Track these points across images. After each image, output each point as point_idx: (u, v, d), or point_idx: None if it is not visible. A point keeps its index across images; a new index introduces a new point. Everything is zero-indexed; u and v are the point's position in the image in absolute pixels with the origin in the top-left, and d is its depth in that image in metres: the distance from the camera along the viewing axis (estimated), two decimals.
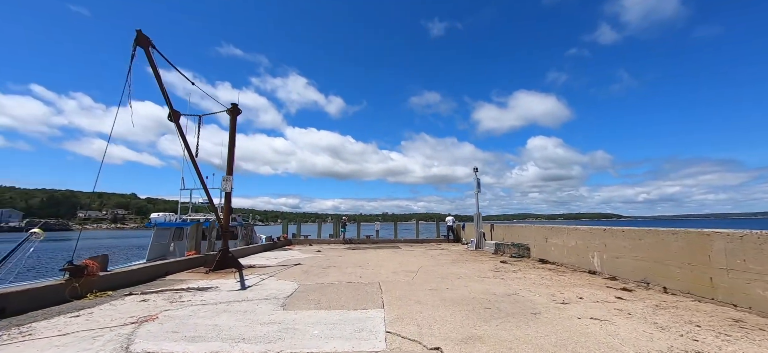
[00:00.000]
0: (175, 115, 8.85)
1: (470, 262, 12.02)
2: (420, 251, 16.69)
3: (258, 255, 15.02)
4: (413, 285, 7.94)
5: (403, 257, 13.88)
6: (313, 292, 7.23)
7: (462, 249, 17.61)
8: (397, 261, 12.34)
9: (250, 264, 11.85)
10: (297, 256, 14.67)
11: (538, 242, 12.91)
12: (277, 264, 11.99)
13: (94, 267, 7.50)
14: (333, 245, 21.00)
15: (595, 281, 8.34)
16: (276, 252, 16.64)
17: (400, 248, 18.79)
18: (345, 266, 11.26)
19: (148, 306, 6.25)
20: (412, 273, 9.55)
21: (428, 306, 5.94)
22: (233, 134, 11.60)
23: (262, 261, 12.86)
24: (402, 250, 17.28)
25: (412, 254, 14.78)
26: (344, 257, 13.81)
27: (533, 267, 10.69)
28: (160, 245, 17.78)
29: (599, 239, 9.44)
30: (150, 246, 17.45)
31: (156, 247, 17.45)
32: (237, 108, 11.72)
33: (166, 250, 18.12)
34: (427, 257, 13.82)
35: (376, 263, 11.96)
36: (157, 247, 17.61)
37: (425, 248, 18.76)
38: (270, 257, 14.46)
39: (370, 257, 13.68)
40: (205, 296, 6.99)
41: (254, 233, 20.91)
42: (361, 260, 12.66)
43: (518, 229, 15.14)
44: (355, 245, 20.96)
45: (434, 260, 12.76)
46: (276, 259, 13.61)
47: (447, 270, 10.25)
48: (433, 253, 15.47)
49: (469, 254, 15.13)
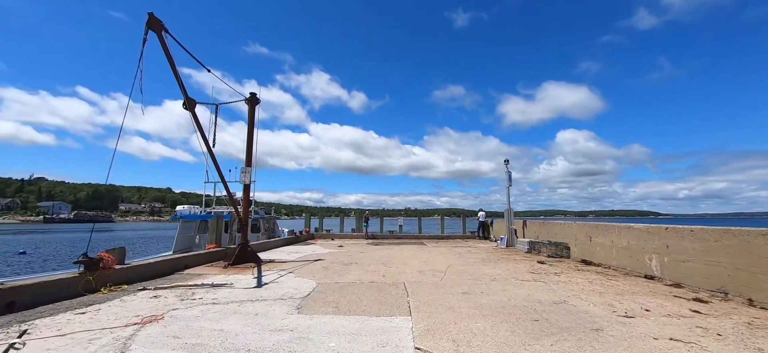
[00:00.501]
0: (191, 103, 8.48)
1: (503, 262, 11.00)
2: (446, 248, 15.77)
3: (279, 250, 14.71)
4: (442, 287, 7.12)
5: (428, 254, 13.05)
6: (333, 293, 6.59)
7: (491, 247, 16.51)
8: (422, 259, 11.54)
9: (270, 259, 11.47)
10: (318, 251, 14.21)
11: (580, 241, 11.64)
12: (297, 259, 11.54)
13: (109, 260, 7.26)
14: (355, 241, 20.49)
15: (657, 288, 7.15)
16: (297, 247, 16.31)
17: (424, 244, 17.96)
18: (367, 263, 10.60)
19: (157, 303, 5.84)
20: (439, 273, 8.72)
21: (463, 315, 5.11)
22: (252, 125, 11.20)
23: (282, 256, 12.48)
24: (427, 247, 16.44)
25: (438, 252, 13.91)
26: (366, 254, 13.18)
27: (577, 269, 9.54)
28: (185, 237, 17.98)
29: (660, 240, 8.16)
30: (176, 239, 17.67)
31: (182, 239, 17.65)
32: (256, 98, 11.29)
33: (191, 242, 18.31)
34: (454, 254, 12.91)
35: (400, 260, 11.22)
36: (183, 239, 17.81)
37: (451, 244, 17.81)
38: (291, 251, 14.09)
39: (393, 254, 12.96)
40: (218, 294, 6.54)
41: (276, 227, 20.79)
42: (384, 257, 11.96)
43: (555, 226, 13.86)
44: (377, 241, 20.34)
45: (463, 258, 11.84)
46: (297, 254, 13.20)
47: (478, 270, 9.33)
48: (461, 250, 14.51)
49: (500, 252, 14.05)
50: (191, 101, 8.48)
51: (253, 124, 11.21)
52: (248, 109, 11.27)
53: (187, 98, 8.33)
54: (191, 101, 8.48)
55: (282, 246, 16.14)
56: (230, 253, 10.40)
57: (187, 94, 8.30)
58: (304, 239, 19.98)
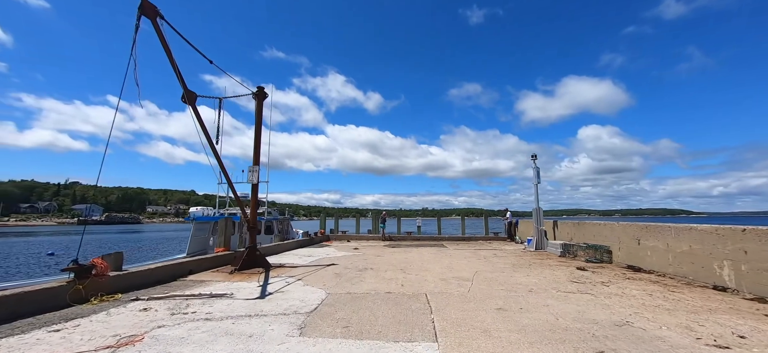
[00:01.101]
0: (190, 96, 7.82)
1: (537, 268, 9.80)
2: (469, 250, 14.62)
3: (291, 253, 14.01)
4: (471, 300, 6.09)
5: (451, 258, 11.97)
6: (343, 306, 5.69)
7: (518, 250, 15.21)
8: (444, 264, 10.49)
9: (281, 263, 10.73)
10: (332, 254, 13.41)
11: (625, 244, 10.26)
12: (308, 264, 10.75)
13: (102, 267, 6.66)
14: (372, 242, 19.61)
15: (737, 303, 5.84)
16: (311, 249, 15.58)
17: (445, 246, 16.85)
18: (384, 268, 9.67)
19: (144, 318, 5.12)
20: (466, 282, 7.67)
21: (503, 342, 4.08)
22: (259, 120, 10.50)
23: (293, 260, 11.73)
24: (448, 249, 15.34)
25: (461, 255, 12.81)
26: (383, 257, 12.25)
27: (626, 277, 8.24)
28: (199, 239, 17.66)
29: (734, 244, 6.79)
30: (189, 241, 17.37)
31: (195, 241, 17.34)
32: (263, 92, 10.59)
33: (205, 244, 17.97)
34: (479, 258, 11.77)
35: (420, 265, 10.22)
36: (197, 241, 17.49)
37: (474, 247, 16.61)
38: (303, 254, 13.35)
39: (412, 258, 11.96)
40: (214, 307, 5.77)
41: (291, 228, 20.21)
42: (402, 262, 11.00)
43: (592, 227, 12.46)
44: (395, 243, 19.38)
45: (489, 263, 10.71)
46: (309, 257, 12.43)
47: (510, 277, 8.21)
48: (485, 253, 13.34)
49: (530, 256, 12.78)
50: (191, 93, 7.82)
51: (261, 120, 10.52)
52: (255, 104, 10.59)
53: (186, 91, 7.68)
54: (191, 93, 7.82)
55: (295, 249, 15.47)
56: (238, 257, 9.73)
57: (186, 86, 7.65)
58: (318, 241, 19.29)
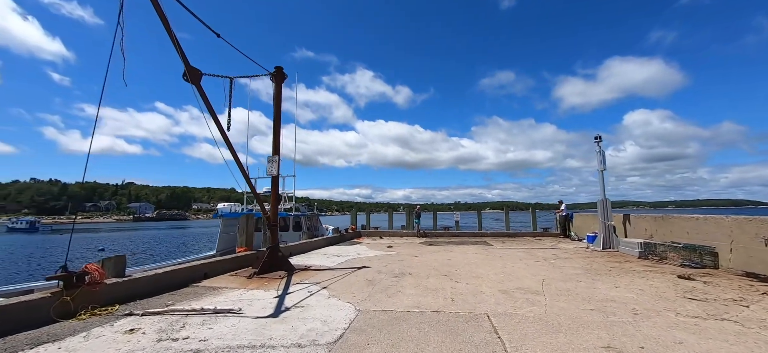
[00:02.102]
0: (194, 74, 6.67)
1: (620, 274, 7.72)
2: (521, 250, 12.61)
3: (319, 252, 12.83)
4: (556, 327, 4.34)
5: (503, 260, 10.11)
6: (377, 334, 4.20)
7: (579, 248, 12.94)
8: (498, 268, 8.69)
9: (306, 265, 9.51)
10: (364, 254, 12.03)
11: (743, 244, 7.85)
12: (337, 266, 9.43)
13: (97, 274, 5.69)
14: (406, 239, 18.06)
15: None
16: (341, 247, 14.34)
17: (490, 244, 14.90)
18: (425, 273, 8.08)
19: (124, 345, 3.97)
20: (536, 296, 5.89)
21: None
22: (278, 105, 9.28)
23: (321, 261, 10.49)
24: (495, 248, 13.41)
25: (513, 256, 10.89)
26: (422, 258, 10.65)
27: (759, 291, 6.01)
28: (228, 236, 17.13)
29: None
30: (218, 238, 16.88)
31: (225, 238, 16.81)
32: (282, 73, 9.34)
33: (234, 241, 17.40)
34: (538, 261, 9.81)
35: (469, 270, 8.50)
36: (226, 239, 16.97)
37: (525, 245, 14.51)
38: (333, 254, 12.10)
39: (456, 259, 10.26)
40: (214, 329, 4.52)
41: (320, 225, 19.20)
42: (445, 264, 9.34)
43: (685, 221, 10.00)
44: (431, 240, 17.69)
45: (555, 267, 8.75)
46: (339, 257, 11.14)
47: (592, 289, 6.29)
48: (543, 253, 11.29)
49: (600, 257, 10.57)
50: (194, 71, 6.68)
51: (280, 104, 9.29)
52: (274, 87, 9.37)
53: (189, 67, 6.54)
54: (194, 71, 6.68)
55: (324, 247, 14.32)
56: (259, 259, 8.61)
57: (187, 61, 6.51)
58: (349, 238, 18.07)
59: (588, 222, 16.56)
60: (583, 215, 17.66)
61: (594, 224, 15.72)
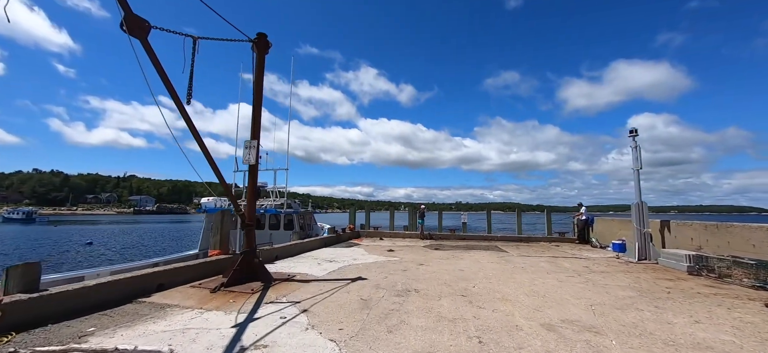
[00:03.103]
0: (138, 24, 5.01)
1: (685, 299, 6.03)
2: (542, 258, 10.91)
3: (309, 256, 11.20)
4: None
5: (526, 273, 8.42)
6: None
7: (609, 259, 11.23)
8: (525, 284, 7.02)
9: (289, 275, 7.88)
10: (361, 259, 10.39)
11: None
12: (327, 276, 7.79)
13: None
14: (408, 241, 16.41)
15: None
16: (336, 250, 12.71)
17: (504, 250, 13.21)
18: (435, 291, 6.42)
19: None
20: (596, 335, 4.21)
21: None
22: (260, 78, 7.62)
23: (309, 268, 8.85)
24: (510, 255, 11.73)
25: (536, 267, 9.20)
26: (429, 267, 8.99)
27: None
28: None
29: None
30: (202, 235, 15.30)
31: (208, 236, 15.22)
32: (265, 40, 7.67)
33: None
34: (569, 274, 8.12)
35: (488, 285, 6.83)
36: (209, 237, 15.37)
37: (542, 251, 12.81)
38: (325, 258, 10.46)
39: (470, 269, 8.58)
40: None
41: (314, 223, 17.57)
42: (458, 277, 7.67)
43: (750, 231, 8.28)
44: (437, 242, 16.03)
45: (593, 284, 7.07)
46: (331, 264, 9.50)
47: (666, 323, 4.61)
48: (570, 264, 9.60)
49: (641, 271, 8.87)
50: (138, 20, 5.02)
51: (261, 78, 7.63)
52: (256, 57, 7.70)
53: (131, 15, 4.89)
54: (138, 20, 5.02)
55: (316, 249, 12.69)
56: (231, 266, 6.98)
57: (129, 7, 4.87)
58: (346, 239, 16.44)
59: (612, 228, 14.85)
60: (606, 219, 15.94)
61: (620, 230, 14.02)
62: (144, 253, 26.88)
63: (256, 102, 7.59)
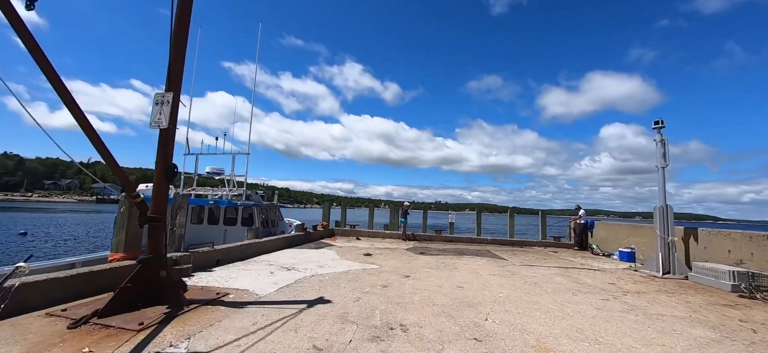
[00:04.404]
0: None
1: None
2: (550, 268, 9.03)
3: (264, 260, 8.82)
4: None
5: (545, 291, 6.43)
6: None
7: (625, 270, 9.52)
8: (553, 312, 4.99)
9: (223, 290, 5.53)
10: (329, 266, 8.12)
11: None
12: (274, 295, 5.49)
13: None
14: (389, 243, 14.27)
15: None
16: (301, 253, 10.38)
17: (499, 256, 11.31)
18: (432, 329, 4.26)
19: None
20: None
21: None
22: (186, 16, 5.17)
23: (254, 281, 6.51)
24: (511, 263, 9.80)
25: (550, 281, 7.25)
26: (417, 279, 6.85)
27: None
28: None
29: None
30: None
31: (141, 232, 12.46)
32: None
33: None
34: (603, 297, 6.20)
35: (508, 318, 4.75)
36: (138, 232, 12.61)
37: (543, 258, 10.99)
38: (283, 265, 8.13)
39: (471, 286, 6.51)
40: None
41: (280, 219, 15.09)
42: (460, 299, 5.56)
43: None
44: (422, 245, 13.98)
45: (641, 312, 5.16)
46: (289, 273, 7.19)
47: None
48: (591, 279, 7.74)
49: (676, 288, 7.10)
50: None
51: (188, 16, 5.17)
52: None
53: None
54: None
55: (278, 250, 10.31)
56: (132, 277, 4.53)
57: None
58: (317, 238, 14.09)
59: (616, 234, 13.31)
60: (608, 223, 14.42)
61: (629, 237, 12.47)
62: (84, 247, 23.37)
63: (177, 43, 5.12)
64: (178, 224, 7.27)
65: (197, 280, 6.30)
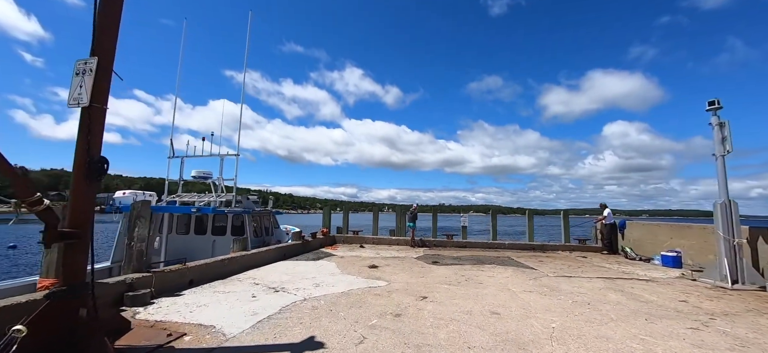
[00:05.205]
0: None
1: None
2: (591, 279, 7.52)
3: (249, 277, 7.38)
4: None
5: (608, 317, 4.91)
6: None
7: (679, 279, 7.98)
8: (635, 348, 3.53)
9: (184, 327, 4.09)
10: (327, 284, 6.67)
11: None
12: (248, 333, 4.03)
13: None
14: (396, 250, 12.80)
15: None
16: (296, 266, 8.94)
17: (527, 265, 9.80)
18: None
19: None
20: None
21: None
22: None
23: (228, 310, 5.07)
24: (543, 273, 8.29)
25: (603, 298, 5.75)
26: (436, 302, 5.37)
27: None
28: None
29: None
30: (116, 241, 11.17)
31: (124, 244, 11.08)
32: None
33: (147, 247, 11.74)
34: (688, 323, 4.67)
35: None
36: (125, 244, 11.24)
37: (578, 267, 9.47)
38: (270, 284, 6.68)
39: (510, 312, 5.02)
40: None
41: (275, 227, 13.66)
42: (501, 332, 4.06)
43: None
44: (433, 253, 12.50)
45: (734, 341, 3.67)
46: (276, 295, 5.75)
47: None
48: (650, 294, 6.22)
49: (761, 307, 5.57)
50: None
51: None
52: None
53: None
54: None
55: (270, 263, 8.88)
56: None
57: None
58: (316, 247, 12.65)
59: (655, 235, 11.74)
60: (645, 224, 12.83)
61: (671, 239, 10.92)
62: None
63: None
64: (137, 238, 5.85)
65: (155, 310, 4.88)
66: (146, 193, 11.81)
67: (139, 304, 5.05)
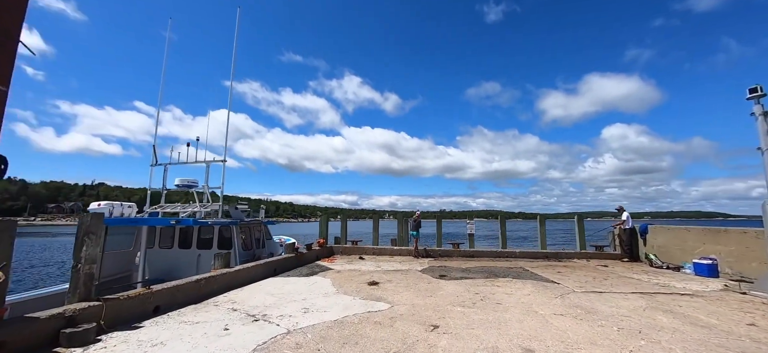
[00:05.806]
0: None
1: None
2: (627, 297, 6.47)
3: (228, 299, 6.34)
4: None
5: None
6: None
7: (723, 292, 6.91)
8: None
9: None
10: (317, 314, 5.63)
11: None
12: None
13: None
14: (398, 262, 11.74)
15: None
16: (286, 284, 7.89)
17: (546, 278, 8.74)
18: None
19: None
20: None
21: None
22: None
23: (195, 345, 4.03)
24: (567, 288, 7.24)
25: (651, 322, 4.69)
26: (453, 336, 4.31)
27: None
28: (116, 255, 10.39)
29: None
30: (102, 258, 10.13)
31: (110, 259, 10.06)
32: None
33: (128, 263, 10.73)
34: None
35: None
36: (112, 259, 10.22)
37: (604, 278, 8.41)
38: (249, 310, 5.64)
39: (543, 343, 3.97)
40: None
41: (267, 239, 12.60)
42: None
43: None
44: (440, 264, 11.44)
45: None
46: (252, 326, 4.72)
47: None
48: (693, 310, 5.16)
49: None
50: None
51: None
52: None
53: None
54: None
55: (258, 280, 7.84)
56: None
57: None
58: (311, 260, 11.59)
59: (684, 241, 10.67)
60: (671, 228, 11.76)
61: (702, 246, 9.86)
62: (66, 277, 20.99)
63: None
64: (85, 260, 4.83)
65: (98, 351, 3.86)
66: (125, 204, 10.78)
67: (77, 344, 4.02)
